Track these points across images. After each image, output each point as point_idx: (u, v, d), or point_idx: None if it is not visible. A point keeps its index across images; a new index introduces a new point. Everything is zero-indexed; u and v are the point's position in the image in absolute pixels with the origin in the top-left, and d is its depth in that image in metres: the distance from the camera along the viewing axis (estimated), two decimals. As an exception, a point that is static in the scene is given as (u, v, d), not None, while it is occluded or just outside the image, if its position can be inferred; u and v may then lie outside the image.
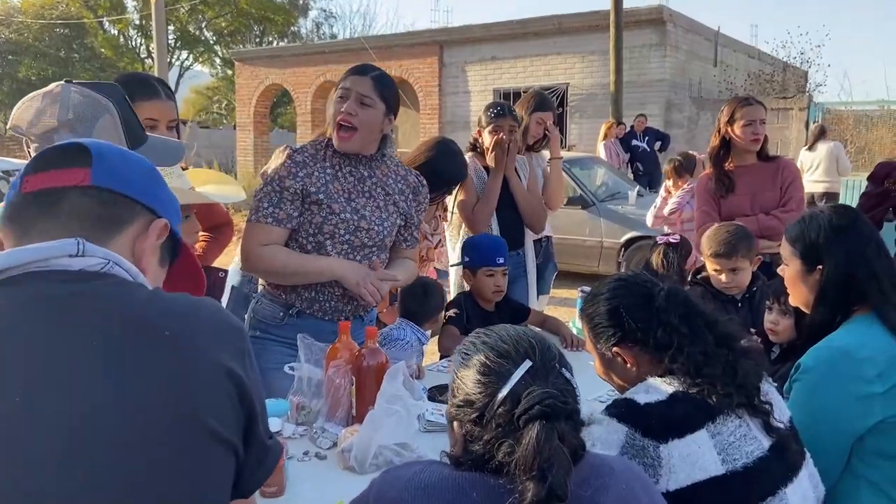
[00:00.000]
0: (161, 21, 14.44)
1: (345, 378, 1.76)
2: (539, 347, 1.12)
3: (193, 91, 33.40)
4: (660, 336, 1.38)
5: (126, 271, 0.90)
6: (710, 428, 1.27)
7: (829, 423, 1.56)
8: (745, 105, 3.21)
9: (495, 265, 2.78)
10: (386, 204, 2.18)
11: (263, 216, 2.06)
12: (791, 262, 1.79)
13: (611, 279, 1.54)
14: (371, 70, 2.10)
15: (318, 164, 2.10)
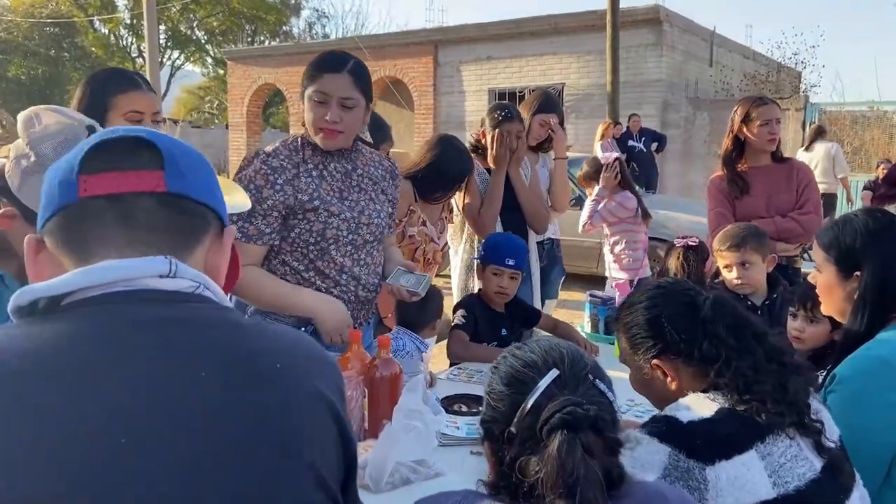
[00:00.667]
0: (153, 20, 14.29)
1: (357, 390, 1.66)
2: (569, 356, 1.04)
3: (185, 91, 33.19)
4: (705, 348, 1.29)
5: (213, 294, 0.81)
6: (760, 448, 1.18)
7: (868, 434, 1.48)
8: (760, 104, 3.12)
9: (503, 265, 2.69)
10: (377, 194, 2.10)
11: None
12: (825, 269, 1.70)
13: (648, 286, 1.45)
14: (344, 62, 1.92)
15: (301, 168, 1.96)
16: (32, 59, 28.28)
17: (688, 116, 12.20)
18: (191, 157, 0.85)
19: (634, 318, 1.39)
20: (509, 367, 1.05)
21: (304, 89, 1.94)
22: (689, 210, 7.48)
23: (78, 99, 1.92)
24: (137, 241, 0.78)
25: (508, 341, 2.71)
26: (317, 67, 1.92)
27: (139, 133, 0.82)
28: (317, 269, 1.99)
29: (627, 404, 2.10)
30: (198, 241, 0.83)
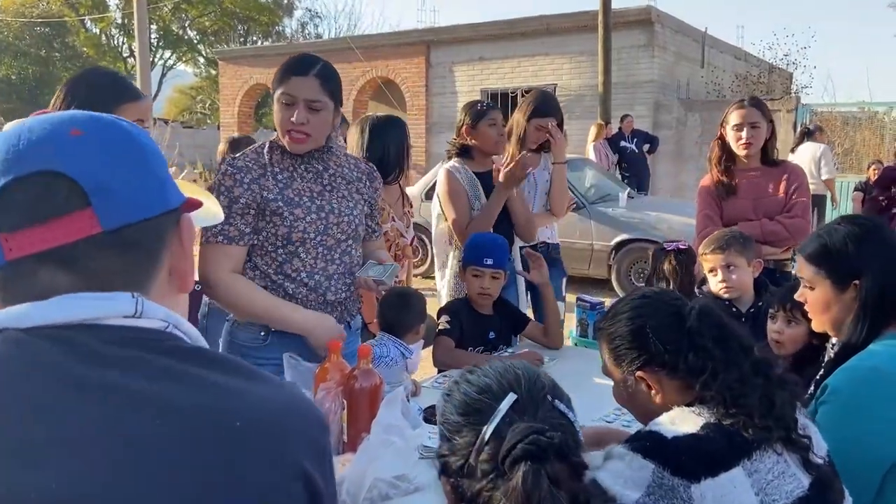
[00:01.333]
0: (143, 20, 14.21)
1: (335, 402, 1.61)
2: (526, 378, 0.99)
3: (177, 90, 33.07)
4: (691, 360, 1.24)
5: (185, 334, 0.75)
6: (747, 465, 1.14)
7: (861, 448, 1.44)
8: (737, 108, 3.09)
9: (482, 265, 2.63)
10: (350, 192, 2.08)
11: (213, 235, 1.92)
12: (818, 284, 1.64)
13: (633, 295, 1.40)
14: (312, 65, 1.91)
15: (267, 170, 1.96)
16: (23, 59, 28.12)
17: (679, 117, 12.20)
18: (114, 157, 0.73)
19: (618, 329, 1.35)
20: (463, 395, 1.00)
21: (273, 92, 1.95)
22: (681, 211, 7.45)
23: (66, 104, 1.87)
24: (90, 285, 0.70)
25: (496, 345, 2.67)
26: (284, 70, 1.92)
27: (44, 165, 0.69)
28: (285, 273, 1.98)
29: (615, 413, 2.07)
30: (155, 264, 0.75)
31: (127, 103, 1.92)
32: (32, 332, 0.67)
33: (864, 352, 1.55)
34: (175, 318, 0.74)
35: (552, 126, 3.31)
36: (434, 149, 13.91)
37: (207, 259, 1.93)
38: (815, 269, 1.64)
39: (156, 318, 0.72)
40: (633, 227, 7.06)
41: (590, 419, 2.01)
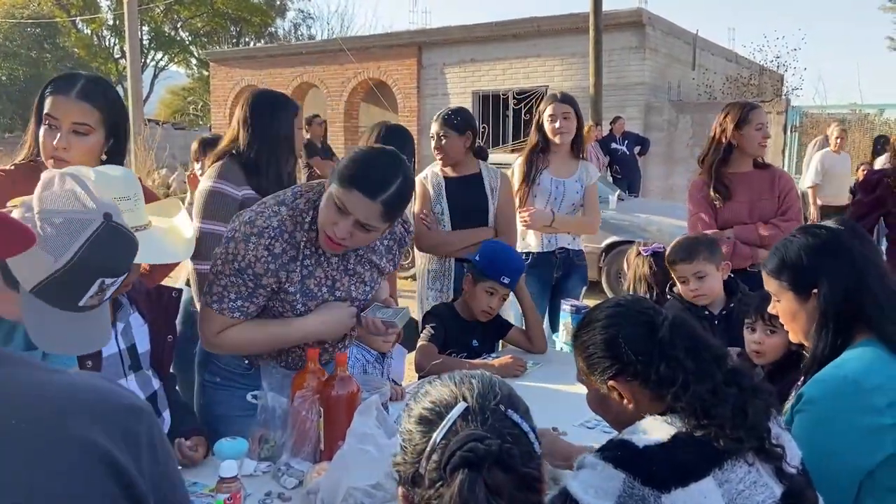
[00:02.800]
0: (134, 20, 14.14)
1: (312, 410, 1.60)
2: (479, 387, 0.98)
3: (169, 92, 32.95)
4: (663, 371, 1.24)
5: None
6: (717, 475, 1.14)
7: (837, 458, 1.44)
8: (754, 108, 3.12)
9: (500, 283, 2.62)
10: (372, 275, 1.96)
11: (230, 309, 1.78)
12: (783, 296, 1.67)
13: (607, 304, 1.40)
14: (383, 190, 1.65)
15: (297, 252, 1.78)
16: (13, 60, 27.96)
17: (671, 119, 12.22)
18: None
19: (591, 338, 1.34)
20: (420, 406, 0.99)
21: (334, 178, 1.69)
22: (672, 214, 7.46)
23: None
24: None
25: (479, 353, 2.66)
26: (354, 179, 1.65)
27: None
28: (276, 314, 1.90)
29: (597, 419, 2.06)
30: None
31: (56, 94, 1.83)
32: None
33: (837, 360, 1.55)
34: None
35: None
36: (425, 150, 13.85)
37: (213, 322, 1.81)
38: (776, 281, 1.67)
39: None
40: (623, 230, 7.06)
41: (571, 424, 2.01)
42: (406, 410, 1.02)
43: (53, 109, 1.82)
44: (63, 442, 0.63)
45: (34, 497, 0.61)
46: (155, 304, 1.83)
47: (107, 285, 1.15)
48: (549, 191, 3.37)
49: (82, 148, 1.84)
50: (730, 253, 2.94)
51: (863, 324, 1.55)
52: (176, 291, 1.91)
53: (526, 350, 2.77)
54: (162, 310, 1.84)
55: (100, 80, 1.97)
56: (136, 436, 0.69)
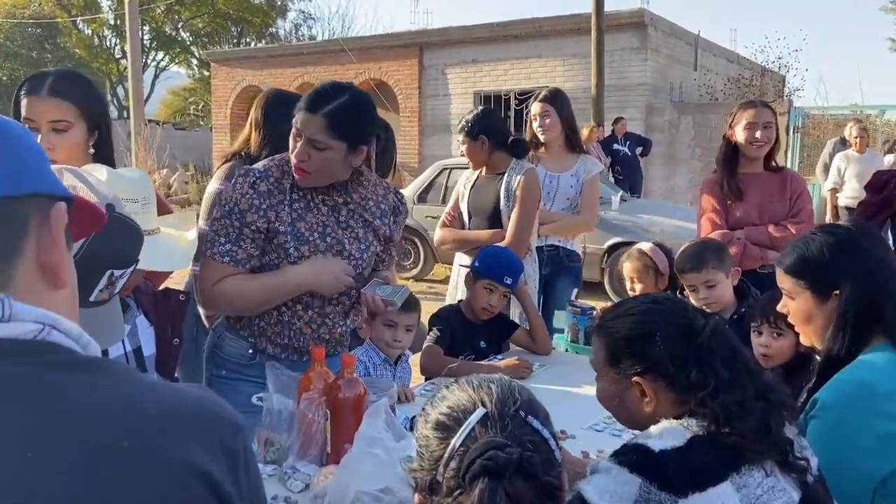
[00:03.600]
0: (134, 20, 14.14)
1: (318, 412, 1.58)
2: (498, 393, 0.96)
3: (170, 92, 32.96)
4: (694, 376, 1.21)
5: (66, 334, 0.64)
6: (735, 479, 1.11)
7: (851, 464, 1.42)
8: (748, 107, 3.06)
9: (500, 282, 2.61)
10: (365, 233, 1.96)
11: (220, 253, 1.83)
12: (799, 296, 1.62)
13: (643, 298, 1.38)
14: (324, 103, 1.76)
15: (285, 196, 1.85)
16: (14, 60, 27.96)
17: (672, 120, 12.20)
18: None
19: (622, 329, 1.30)
20: (437, 411, 0.97)
21: None
22: (674, 214, 7.45)
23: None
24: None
25: (486, 354, 2.65)
26: (300, 101, 1.81)
27: None
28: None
29: (606, 422, 2.04)
30: (15, 252, 0.65)
31: (28, 95, 1.80)
32: None
33: (852, 364, 1.53)
34: (53, 319, 0.63)
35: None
36: (427, 151, 13.89)
37: (209, 271, 1.84)
38: (794, 280, 1.62)
39: (27, 320, 0.61)
40: (625, 231, 7.05)
41: (579, 427, 1.99)
42: (422, 415, 1.00)
43: (29, 111, 1.78)
44: (163, 462, 0.61)
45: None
46: (161, 306, 1.81)
47: (116, 277, 1.14)
48: (542, 185, 3.35)
49: (65, 145, 1.79)
50: (739, 254, 2.91)
51: (878, 327, 1.53)
52: (183, 294, 1.88)
53: (530, 351, 2.75)
54: (168, 313, 1.81)
55: (70, 74, 1.92)
56: (235, 452, 0.67)
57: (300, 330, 1.92)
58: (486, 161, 3.16)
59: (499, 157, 3.13)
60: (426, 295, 6.89)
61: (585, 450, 1.80)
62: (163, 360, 1.81)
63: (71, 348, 0.65)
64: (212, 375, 2.02)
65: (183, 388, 0.70)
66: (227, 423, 0.69)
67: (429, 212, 7.82)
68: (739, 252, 2.92)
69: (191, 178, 15.68)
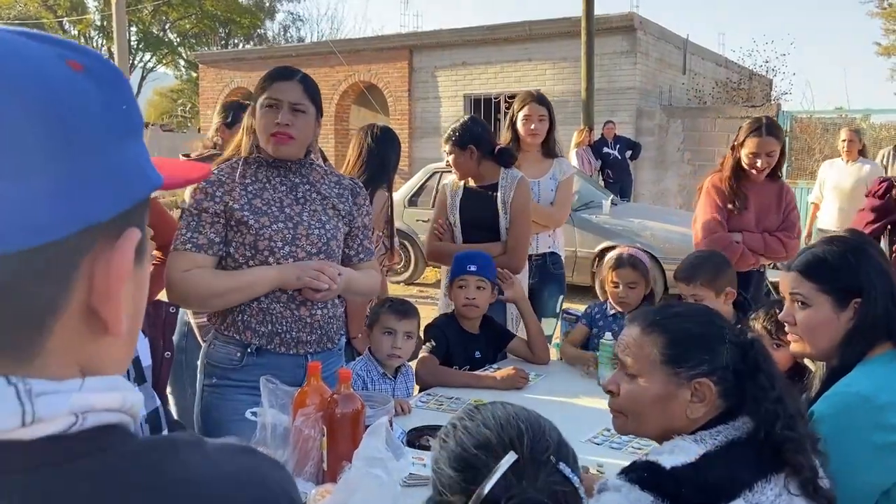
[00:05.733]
0: (122, 21, 14.00)
1: (314, 428, 1.54)
2: (530, 434, 0.92)
3: (157, 93, 32.75)
4: (750, 387, 1.19)
5: (107, 411, 0.48)
6: (748, 497, 1.09)
7: (852, 477, 1.39)
8: (756, 135, 3.10)
9: (465, 272, 2.58)
10: (324, 208, 2.03)
11: (182, 243, 1.91)
12: (818, 302, 1.55)
13: (690, 304, 1.36)
14: (295, 73, 1.98)
15: (239, 181, 1.95)
16: None
17: (661, 124, 12.23)
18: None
19: (693, 327, 1.26)
20: (459, 446, 0.92)
21: (254, 103, 1.97)
22: (664, 219, 7.45)
23: None
24: None
25: (482, 364, 2.61)
26: (267, 78, 1.97)
27: None
28: None
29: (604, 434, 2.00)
30: (58, 303, 0.46)
31: None
32: None
33: (849, 375, 1.50)
34: (85, 404, 0.46)
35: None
36: (417, 154, 13.84)
37: (172, 263, 1.90)
38: (814, 285, 1.56)
39: (59, 415, 0.45)
40: (616, 235, 7.04)
41: (578, 441, 1.95)
42: (440, 443, 0.95)
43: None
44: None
45: None
46: (153, 319, 1.78)
47: None
48: None
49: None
50: (737, 257, 3.00)
51: (886, 338, 1.50)
52: (173, 307, 1.85)
53: (528, 360, 2.72)
54: (160, 326, 1.78)
55: None
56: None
57: (280, 314, 1.92)
58: (474, 172, 3.08)
59: (486, 167, 3.07)
60: (417, 299, 6.84)
61: (585, 465, 1.76)
62: (154, 372, 1.78)
63: (117, 424, 0.49)
64: (203, 385, 2.02)
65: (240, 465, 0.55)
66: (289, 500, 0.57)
67: (419, 215, 7.79)
68: (736, 257, 3.01)
69: (178, 180, 15.54)
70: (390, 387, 2.28)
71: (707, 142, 11.53)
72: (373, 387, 2.23)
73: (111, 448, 0.47)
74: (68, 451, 0.45)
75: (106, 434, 0.48)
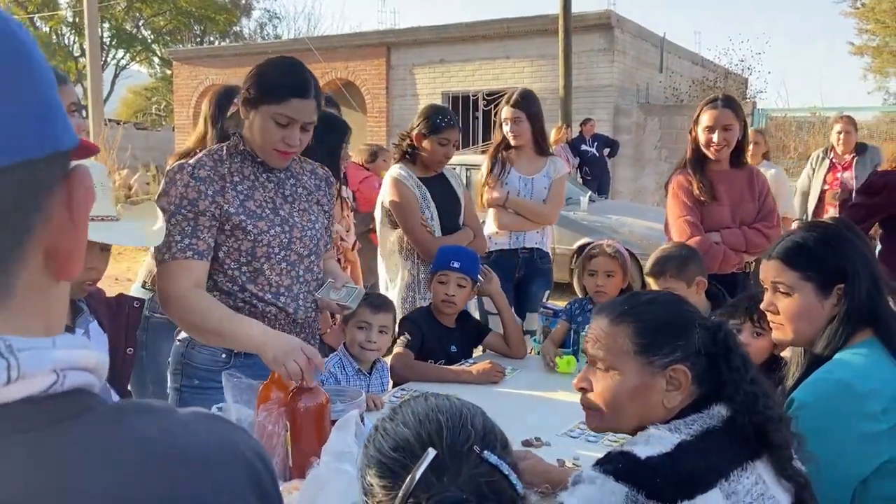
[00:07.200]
0: (93, 17, 13.77)
1: (278, 423, 1.48)
2: (449, 426, 0.86)
3: (131, 91, 32.29)
4: (725, 370, 1.17)
5: (90, 371, 0.51)
6: (724, 486, 1.06)
7: (831, 465, 1.37)
8: (710, 108, 2.94)
9: (448, 268, 2.54)
10: (310, 205, 1.98)
11: (181, 251, 1.75)
12: (801, 290, 1.53)
13: (654, 292, 1.32)
14: (310, 87, 1.81)
15: (227, 180, 1.83)
16: (-33, 57, 27.13)
17: (639, 122, 12.28)
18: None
19: (660, 315, 1.22)
20: (378, 451, 0.87)
21: (259, 101, 1.79)
22: (642, 215, 7.46)
23: None
24: None
25: (458, 358, 2.56)
26: (283, 88, 1.78)
27: None
28: (251, 292, 1.84)
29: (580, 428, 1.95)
30: (23, 242, 0.47)
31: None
32: None
33: (830, 362, 1.48)
34: (68, 359, 0.48)
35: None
36: (395, 152, 13.78)
37: (171, 276, 1.76)
38: (796, 273, 1.53)
39: (42, 371, 0.45)
40: (594, 231, 7.03)
41: (554, 434, 1.91)
42: (364, 452, 0.89)
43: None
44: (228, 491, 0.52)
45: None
46: (115, 314, 1.71)
47: None
48: (518, 188, 3.37)
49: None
50: (719, 260, 2.85)
51: (867, 325, 1.48)
52: (137, 301, 1.78)
53: (504, 355, 2.67)
54: (122, 320, 1.71)
55: None
56: (265, 485, 0.56)
57: (263, 312, 1.86)
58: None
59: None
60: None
61: (561, 458, 1.72)
62: (116, 369, 1.71)
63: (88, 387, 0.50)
64: (181, 387, 1.92)
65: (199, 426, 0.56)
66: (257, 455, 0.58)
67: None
68: (719, 259, 2.85)
69: (152, 178, 15.33)
70: (365, 383, 2.22)
71: (684, 140, 11.48)
72: (347, 383, 2.18)
73: (92, 410, 0.48)
74: (52, 415, 0.46)
75: (81, 396, 0.49)
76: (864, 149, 5.28)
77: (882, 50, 22.48)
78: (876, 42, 22.57)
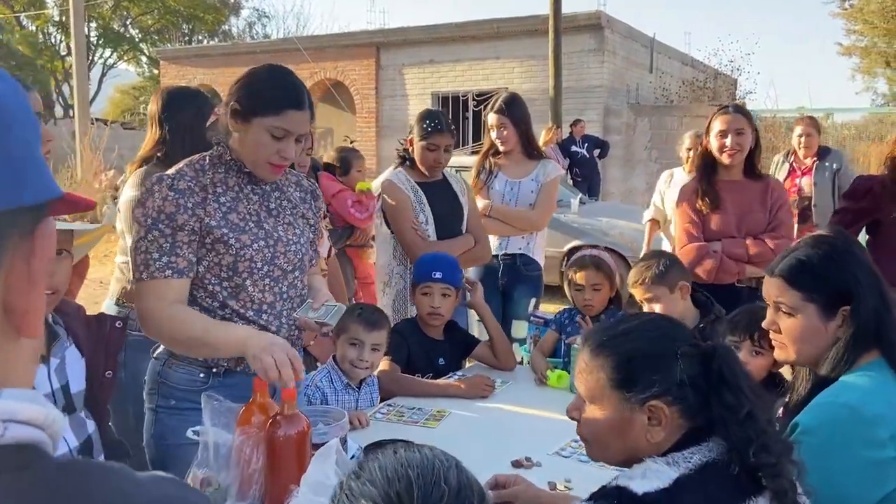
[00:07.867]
0: (80, 16, 13.62)
1: (257, 449, 1.42)
2: (420, 484, 0.81)
3: (118, 90, 32.01)
4: (716, 404, 1.10)
5: (29, 423, 0.47)
6: None
7: (838, 492, 1.32)
8: (720, 113, 2.94)
9: (430, 279, 2.47)
10: (295, 218, 1.90)
11: (159, 269, 1.67)
12: (804, 311, 1.47)
13: (644, 317, 1.26)
14: (303, 99, 1.76)
15: (209, 192, 1.74)
16: (-47, 56, 26.84)
17: (629, 122, 12.27)
18: None
19: (638, 346, 1.15)
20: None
21: (252, 113, 1.71)
22: (633, 217, 7.41)
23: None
24: None
25: (446, 371, 2.50)
26: (279, 100, 1.71)
27: None
28: (232, 309, 1.77)
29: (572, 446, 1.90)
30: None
31: None
32: None
33: (835, 385, 1.42)
34: (10, 410, 0.45)
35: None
36: (384, 152, 13.70)
37: (149, 295, 1.68)
38: (797, 293, 1.48)
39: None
40: (585, 234, 6.99)
41: (545, 454, 1.85)
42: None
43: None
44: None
45: None
46: (94, 334, 1.62)
47: None
48: (503, 193, 3.31)
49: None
50: (715, 269, 2.80)
51: (874, 346, 1.43)
52: (119, 322, 1.69)
53: (492, 367, 2.62)
54: (102, 342, 1.62)
55: None
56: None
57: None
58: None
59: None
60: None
61: (552, 480, 1.67)
62: (93, 394, 1.62)
63: (37, 443, 0.47)
64: (158, 406, 1.84)
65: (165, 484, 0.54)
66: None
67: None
68: (715, 267, 2.81)
69: (140, 179, 15.18)
70: (354, 398, 2.16)
71: (674, 140, 11.53)
72: (335, 398, 2.10)
73: (34, 465, 0.46)
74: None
75: (26, 452, 0.46)
76: (827, 153, 4.98)
77: (870, 50, 22.57)
78: (864, 43, 22.66)
